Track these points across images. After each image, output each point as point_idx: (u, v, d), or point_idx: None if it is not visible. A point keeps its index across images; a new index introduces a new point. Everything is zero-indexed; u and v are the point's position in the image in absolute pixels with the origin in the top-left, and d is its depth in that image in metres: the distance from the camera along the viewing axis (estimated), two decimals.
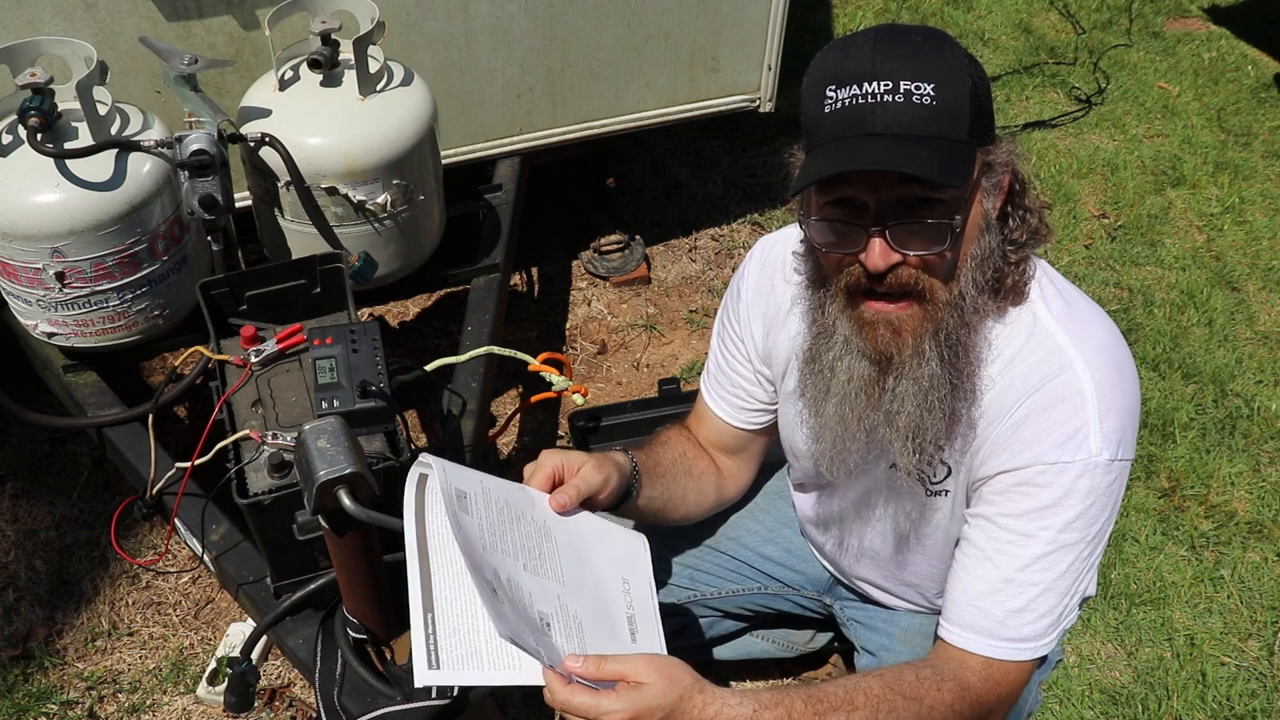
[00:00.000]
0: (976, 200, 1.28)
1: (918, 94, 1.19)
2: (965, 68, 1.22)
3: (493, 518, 1.26)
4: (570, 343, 3.07)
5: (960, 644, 1.40)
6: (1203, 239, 3.54)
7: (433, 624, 1.12)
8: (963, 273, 1.29)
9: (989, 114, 1.27)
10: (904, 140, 1.19)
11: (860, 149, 1.20)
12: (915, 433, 1.36)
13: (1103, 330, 1.38)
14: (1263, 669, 2.32)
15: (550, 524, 1.35)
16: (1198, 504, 2.66)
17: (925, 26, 1.27)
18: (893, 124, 1.19)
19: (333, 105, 2.05)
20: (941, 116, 1.20)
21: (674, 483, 1.66)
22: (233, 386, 1.73)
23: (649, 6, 2.65)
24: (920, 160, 1.18)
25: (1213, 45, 4.50)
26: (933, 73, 1.20)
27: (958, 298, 1.29)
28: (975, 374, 1.35)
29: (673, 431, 1.76)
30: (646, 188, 3.60)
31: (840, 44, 1.26)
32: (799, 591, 1.92)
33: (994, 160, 1.28)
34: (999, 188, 1.30)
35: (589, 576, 1.33)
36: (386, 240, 2.17)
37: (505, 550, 1.24)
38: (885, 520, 1.62)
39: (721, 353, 1.70)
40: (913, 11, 4.56)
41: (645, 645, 1.30)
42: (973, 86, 1.22)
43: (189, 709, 2.18)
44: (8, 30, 2.05)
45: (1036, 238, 1.37)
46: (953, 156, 1.21)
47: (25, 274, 1.92)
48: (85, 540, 2.46)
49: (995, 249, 1.31)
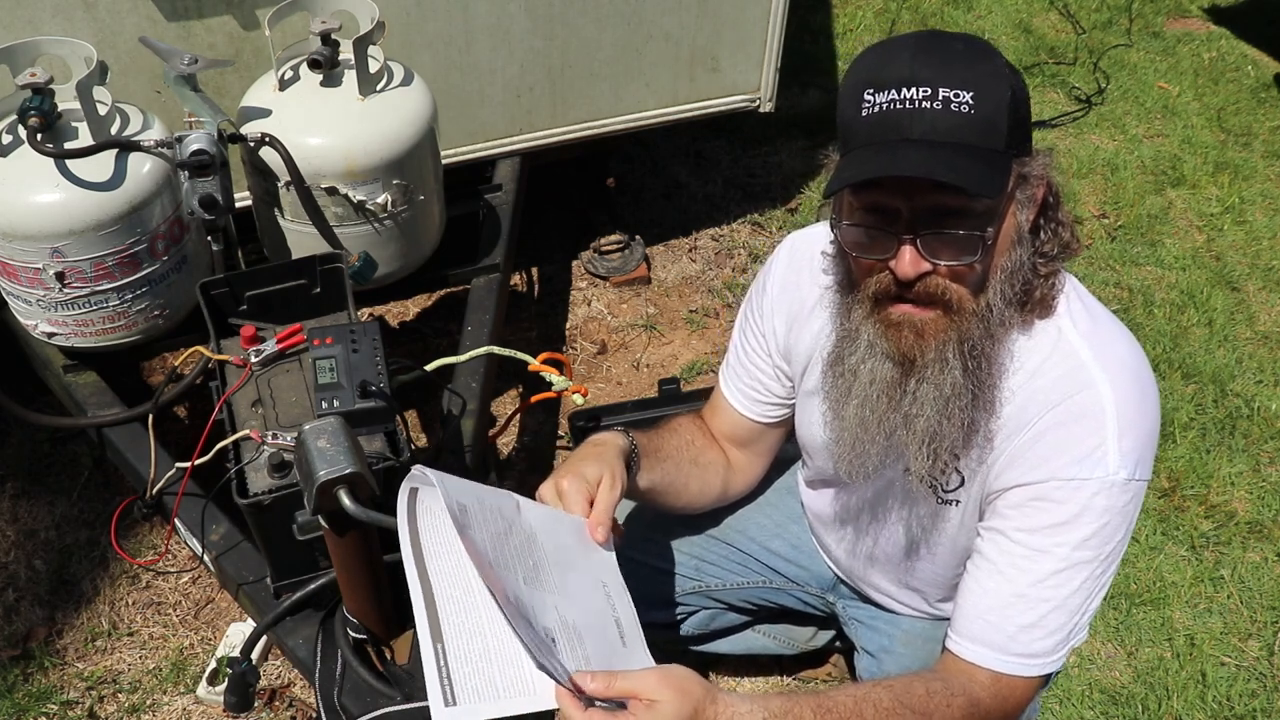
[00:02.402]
0: (1010, 212, 1.27)
1: (956, 101, 1.18)
2: (1005, 77, 1.21)
3: (491, 530, 1.22)
4: (570, 343, 3.07)
5: (969, 657, 1.40)
6: (1203, 239, 3.54)
7: (443, 654, 1.08)
8: (992, 284, 1.28)
9: (1027, 125, 1.26)
10: (941, 148, 1.18)
11: (896, 155, 1.19)
12: (931, 438, 1.35)
13: (1127, 349, 1.37)
14: (1263, 669, 2.32)
15: (534, 529, 1.31)
16: (1198, 504, 2.66)
17: (967, 35, 1.26)
18: (930, 131, 1.18)
19: (333, 105, 2.05)
20: (979, 126, 1.19)
21: (676, 469, 1.66)
22: (233, 386, 1.73)
23: (649, 6, 2.65)
24: (957, 169, 1.18)
25: (1213, 45, 4.50)
26: (972, 81, 1.19)
27: (985, 309, 1.29)
28: (997, 386, 1.34)
29: (684, 420, 1.76)
30: (646, 188, 3.60)
31: (880, 47, 1.25)
32: (803, 588, 1.92)
33: (1029, 172, 1.27)
34: (1033, 200, 1.29)
35: (575, 583, 1.29)
36: (386, 240, 2.17)
37: (506, 565, 1.19)
38: (894, 525, 1.62)
39: (742, 345, 1.69)
40: (913, 11, 4.57)
41: (634, 649, 1.28)
42: (1012, 97, 1.21)
43: (189, 709, 2.18)
44: (8, 30, 2.05)
45: (1067, 251, 1.36)
46: (989, 167, 1.20)
47: (25, 274, 1.92)
48: (85, 540, 2.46)
49: (1025, 262, 1.30)
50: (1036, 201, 1.30)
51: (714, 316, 3.16)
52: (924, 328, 1.30)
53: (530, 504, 1.34)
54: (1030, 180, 1.27)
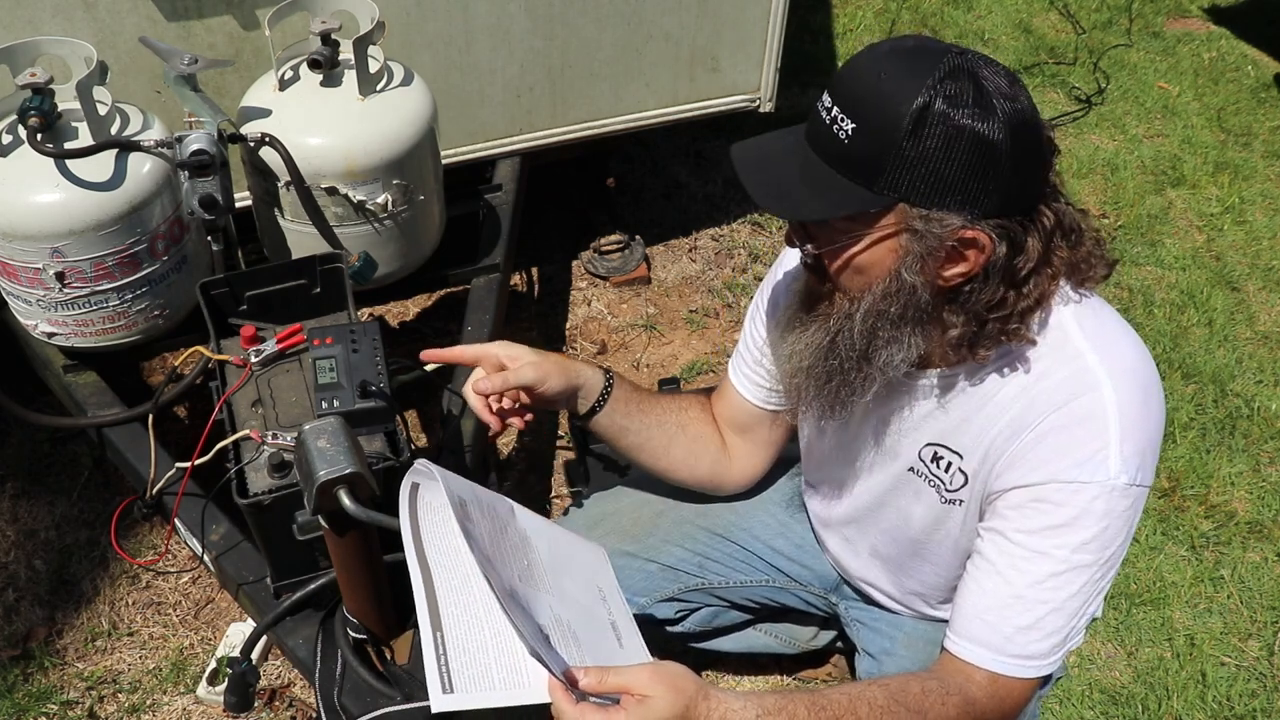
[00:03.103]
0: (887, 248, 1.25)
1: (838, 125, 1.21)
2: (920, 121, 1.16)
3: (488, 526, 1.25)
4: (570, 343, 3.07)
5: (966, 657, 1.40)
6: (1203, 239, 3.54)
7: (442, 643, 1.11)
8: (857, 298, 1.31)
9: (954, 177, 1.18)
10: (797, 164, 1.26)
11: (769, 159, 1.30)
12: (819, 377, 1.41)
13: (1133, 354, 1.36)
14: (1263, 669, 2.32)
15: (529, 532, 1.34)
16: (1198, 504, 2.66)
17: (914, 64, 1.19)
18: (815, 145, 1.26)
19: (333, 105, 2.05)
20: (846, 156, 1.22)
21: (659, 428, 1.69)
22: (233, 386, 1.73)
23: (649, 6, 2.65)
24: (784, 189, 1.26)
25: (1213, 45, 4.50)
26: (868, 113, 1.19)
27: (851, 308, 1.33)
28: (869, 377, 1.36)
29: (689, 395, 1.80)
30: (646, 188, 3.60)
31: (860, 52, 1.28)
32: (806, 587, 1.92)
33: (930, 229, 1.22)
34: (949, 258, 1.25)
35: (569, 585, 1.32)
36: (386, 240, 2.17)
37: (503, 560, 1.23)
38: (896, 526, 1.62)
39: (752, 330, 1.71)
40: (913, 11, 4.57)
41: (632, 650, 1.30)
42: (918, 146, 1.16)
43: (189, 709, 2.18)
44: (8, 30, 2.05)
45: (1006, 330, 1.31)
46: (826, 197, 1.23)
47: (25, 274, 1.92)
48: (85, 540, 2.46)
49: (915, 304, 1.28)
50: (965, 262, 1.25)
51: (714, 316, 3.16)
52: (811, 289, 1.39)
53: (524, 510, 1.38)
54: (929, 236, 1.22)
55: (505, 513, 1.33)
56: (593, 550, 1.50)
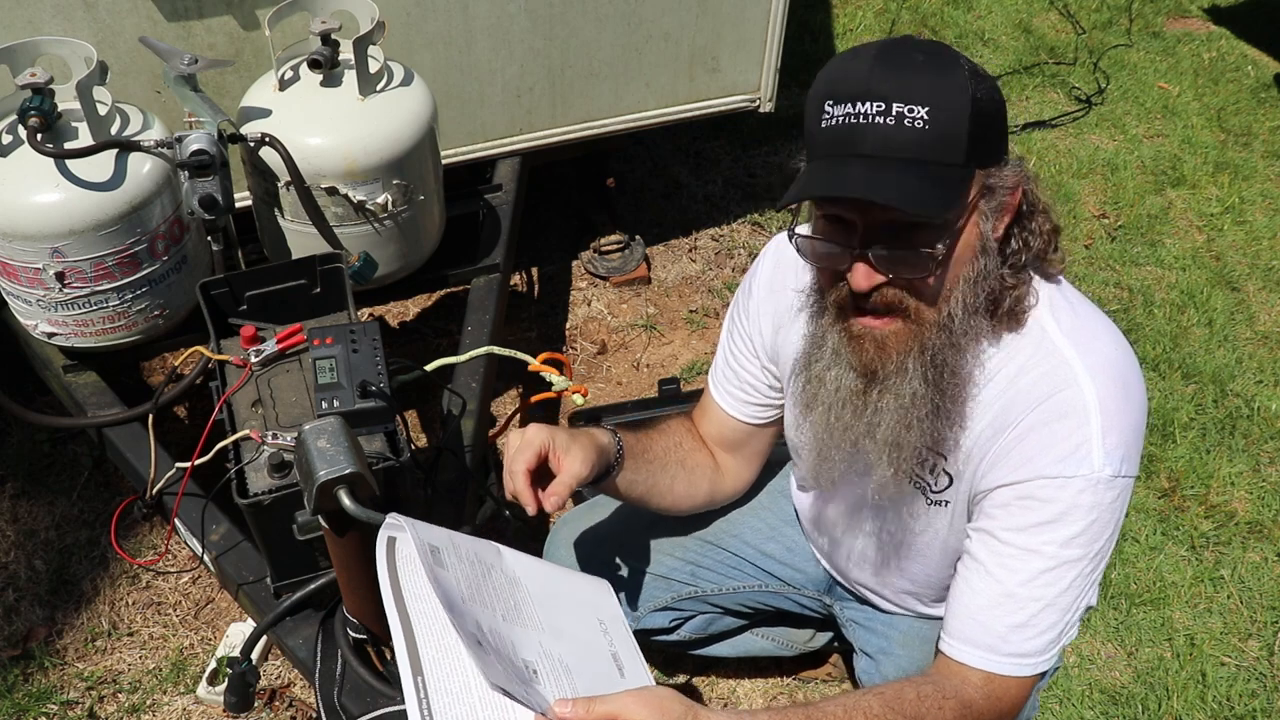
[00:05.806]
0: (973, 223, 1.26)
1: (910, 117, 1.17)
2: (966, 89, 1.19)
3: (466, 570, 1.26)
4: (570, 343, 3.07)
5: (961, 658, 1.40)
6: (1203, 239, 3.54)
7: (423, 687, 1.11)
8: (953, 294, 1.28)
9: (994, 135, 1.24)
10: (890, 164, 1.18)
11: (844, 172, 1.20)
12: (894, 447, 1.36)
13: (1111, 346, 1.37)
14: (1263, 669, 2.32)
15: (519, 573, 1.36)
16: (1198, 504, 2.66)
17: (932, 43, 1.24)
18: (881, 147, 1.18)
19: (333, 105, 2.05)
20: (932, 141, 1.19)
21: (662, 470, 1.67)
22: (233, 386, 1.73)
23: (649, 6, 2.65)
24: (901, 188, 1.17)
25: (1213, 45, 4.50)
26: (929, 95, 1.18)
27: (946, 319, 1.29)
28: (962, 397, 1.35)
29: (675, 421, 1.77)
30: (646, 188, 3.60)
31: (844, 57, 1.25)
32: (799, 590, 1.92)
33: (997, 183, 1.26)
34: (1004, 209, 1.28)
35: (565, 621, 1.33)
36: (386, 240, 2.17)
37: (483, 602, 1.23)
38: (885, 527, 1.62)
39: (730, 347, 1.70)
40: (913, 11, 4.56)
41: (634, 678, 1.31)
42: (974, 110, 1.19)
43: (189, 709, 2.18)
44: (8, 30, 2.05)
45: (1040, 263, 1.35)
46: (939, 183, 1.20)
47: (25, 274, 1.92)
48: (85, 540, 2.46)
49: (992, 271, 1.30)
50: (1010, 210, 1.29)
51: (714, 316, 3.16)
52: (885, 341, 1.31)
53: (514, 552, 1.39)
54: (997, 191, 1.26)
55: (490, 556, 1.34)
56: (594, 584, 1.51)
